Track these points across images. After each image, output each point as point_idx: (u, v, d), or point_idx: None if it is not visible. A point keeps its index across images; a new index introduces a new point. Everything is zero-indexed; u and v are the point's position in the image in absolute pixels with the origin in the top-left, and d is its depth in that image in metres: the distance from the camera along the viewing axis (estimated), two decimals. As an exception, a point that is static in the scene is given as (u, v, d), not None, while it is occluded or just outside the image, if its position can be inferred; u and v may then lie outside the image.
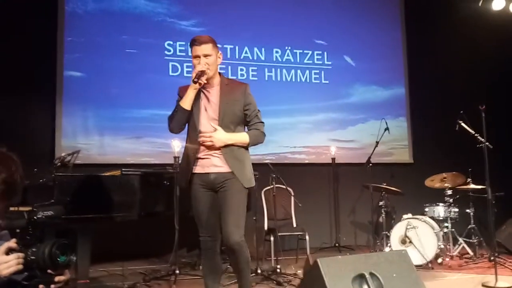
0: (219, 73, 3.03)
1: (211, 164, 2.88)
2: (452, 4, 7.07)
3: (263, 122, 3.04)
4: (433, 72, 7.15)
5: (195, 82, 2.83)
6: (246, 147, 2.96)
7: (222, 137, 2.84)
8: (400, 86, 7.30)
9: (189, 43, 2.97)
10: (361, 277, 2.63)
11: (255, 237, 4.83)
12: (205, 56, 2.87)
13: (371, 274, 2.64)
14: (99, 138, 6.10)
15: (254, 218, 4.79)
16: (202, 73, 2.83)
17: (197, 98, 2.89)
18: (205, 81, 2.87)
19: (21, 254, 1.70)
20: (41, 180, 3.73)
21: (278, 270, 4.48)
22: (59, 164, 4.22)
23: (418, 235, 4.93)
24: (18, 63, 5.63)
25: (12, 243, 1.71)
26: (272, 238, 4.97)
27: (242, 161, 2.91)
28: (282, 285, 4.15)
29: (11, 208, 3.31)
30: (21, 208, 3.52)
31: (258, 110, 3.04)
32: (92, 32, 6.18)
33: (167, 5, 6.50)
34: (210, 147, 2.87)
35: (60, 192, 3.50)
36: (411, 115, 7.28)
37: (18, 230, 1.77)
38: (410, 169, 7.00)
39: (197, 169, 2.90)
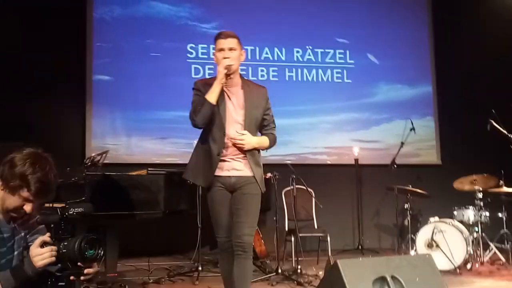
0: (240, 74, 3.00)
1: (232, 168, 2.86)
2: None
3: (275, 126, 3.08)
4: (461, 70, 6.92)
5: (227, 75, 2.79)
6: (259, 152, 2.98)
7: (251, 140, 2.85)
8: (426, 84, 7.17)
9: (214, 37, 2.92)
10: (382, 280, 2.55)
11: (276, 237, 4.87)
12: (230, 49, 2.83)
13: (393, 277, 2.56)
14: (126, 139, 6.29)
15: (274, 218, 4.85)
16: (228, 66, 2.78)
17: (220, 96, 2.82)
18: (230, 77, 2.84)
19: (54, 247, 1.83)
20: (73, 179, 3.94)
21: (299, 271, 4.51)
22: (89, 163, 4.39)
23: (446, 239, 4.77)
24: (51, 68, 5.87)
25: (46, 237, 1.85)
26: (292, 239, 5.00)
27: (261, 167, 2.95)
28: (302, 285, 4.17)
29: (46, 205, 3.51)
30: (55, 205, 3.71)
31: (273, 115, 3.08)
32: (119, 37, 6.39)
33: (189, 8, 6.63)
34: (236, 150, 2.85)
35: (90, 190, 3.72)
36: (439, 114, 7.10)
37: (52, 225, 1.90)
38: (437, 171, 6.82)
39: (220, 172, 2.86)
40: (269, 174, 5.17)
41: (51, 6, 5.95)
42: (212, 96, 2.77)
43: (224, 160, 2.86)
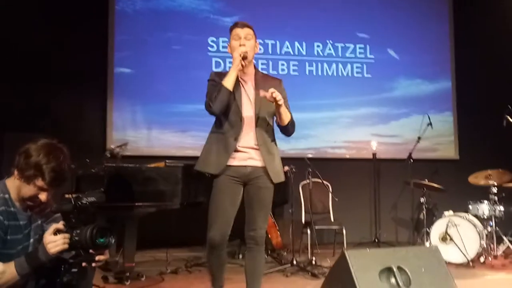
0: (254, 65, 2.98)
1: (248, 157, 2.80)
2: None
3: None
4: (481, 65, 6.88)
5: (244, 59, 2.75)
6: (275, 142, 2.94)
7: (280, 96, 2.72)
8: (446, 80, 7.12)
9: (229, 27, 2.92)
10: (388, 271, 2.61)
11: (291, 229, 4.92)
12: (246, 38, 2.82)
13: (399, 268, 2.63)
14: (147, 131, 6.40)
15: (290, 210, 4.90)
16: (245, 53, 2.76)
17: (236, 82, 2.79)
18: (246, 64, 2.80)
19: (67, 235, 1.91)
20: (93, 170, 4.03)
21: (314, 262, 4.58)
22: (109, 155, 4.50)
23: (460, 233, 4.83)
24: (72, 60, 5.95)
25: (60, 225, 1.93)
26: (308, 231, 5.04)
27: (273, 155, 2.88)
28: (316, 276, 4.24)
29: (66, 195, 3.63)
30: (74, 195, 3.83)
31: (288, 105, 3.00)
32: (140, 30, 6.48)
33: (210, 2, 6.68)
34: (251, 139, 2.79)
35: (109, 181, 3.79)
36: (458, 110, 7.08)
37: (66, 213, 1.99)
38: (455, 166, 6.82)
39: (233, 162, 2.78)
40: (286, 168, 5.21)
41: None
42: (228, 82, 2.74)
43: (238, 150, 2.79)
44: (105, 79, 6.32)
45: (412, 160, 5.61)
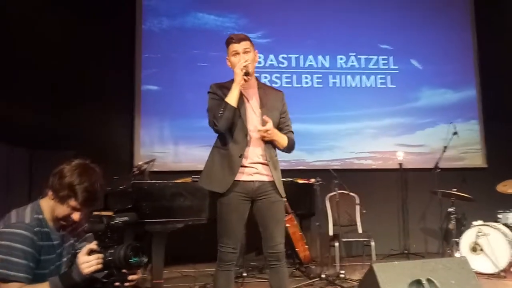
0: (255, 76, 2.93)
1: (255, 172, 2.76)
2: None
3: (293, 132, 2.97)
4: (505, 72, 6.76)
5: (246, 75, 2.69)
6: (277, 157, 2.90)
7: (275, 130, 2.74)
8: (471, 88, 7.05)
9: (225, 42, 2.83)
10: (418, 283, 2.59)
11: (319, 242, 4.91)
12: (245, 52, 2.76)
13: (429, 280, 2.61)
14: (174, 147, 6.51)
15: (318, 223, 4.89)
16: (246, 68, 2.71)
17: (239, 96, 2.74)
18: (248, 78, 2.74)
19: (100, 255, 1.95)
20: (121, 187, 4.09)
21: (342, 276, 4.55)
22: (136, 172, 4.59)
23: (490, 243, 4.76)
24: (101, 79, 6.11)
25: (93, 245, 1.97)
26: (336, 244, 5.03)
27: (279, 171, 2.85)
28: (345, 290, 4.23)
29: (95, 213, 3.71)
30: (103, 213, 3.91)
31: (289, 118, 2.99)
32: (167, 48, 6.63)
33: (235, 19, 6.81)
34: (257, 154, 2.76)
35: (137, 198, 3.83)
36: (484, 118, 6.98)
37: (99, 233, 2.04)
38: (483, 174, 6.69)
39: (241, 177, 2.73)
40: (312, 180, 5.23)
41: (101, 18, 6.21)
42: (232, 99, 2.69)
43: (244, 166, 2.74)
44: (132, 96, 6.49)
45: (439, 169, 5.57)
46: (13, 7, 5.39)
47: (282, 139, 2.84)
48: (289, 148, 2.92)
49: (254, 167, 2.76)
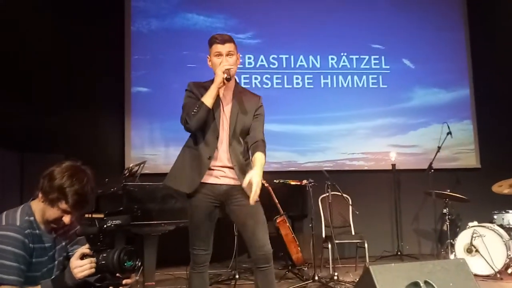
0: (235, 79, 2.86)
1: (223, 175, 2.69)
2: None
3: (264, 139, 2.80)
4: (499, 72, 6.77)
5: (228, 80, 2.62)
6: (249, 160, 2.78)
7: (259, 177, 2.56)
8: (464, 88, 7.05)
9: (208, 41, 2.74)
10: (415, 285, 2.57)
11: (312, 244, 4.87)
12: (228, 54, 2.68)
13: (426, 282, 2.57)
14: (164, 149, 6.45)
15: (310, 225, 4.85)
16: (227, 71, 2.62)
17: (217, 102, 2.68)
18: (228, 81, 2.65)
19: (93, 259, 1.90)
20: (112, 189, 4.06)
21: (336, 278, 4.51)
22: (127, 174, 4.54)
23: (486, 244, 4.73)
24: (91, 81, 6.08)
25: (85, 249, 1.93)
26: (329, 246, 4.99)
27: (243, 173, 2.72)
28: (339, 292, 4.19)
29: (86, 215, 3.65)
30: (94, 215, 3.85)
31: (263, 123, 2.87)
32: (156, 49, 6.58)
33: (224, 19, 6.77)
34: (226, 158, 2.68)
35: (128, 200, 3.80)
36: (477, 118, 6.98)
37: (91, 236, 1.98)
38: (477, 175, 6.71)
39: (209, 179, 2.67)
40: (304, 181, 5.20)
41: (90, 20, 6.16)
42: (208, 100, 2.62)
43: (213, 168, 2.68)
44: (122, 98, 6.43)
45: (432, 170, 5.56)
46: (1, 8, 5.30)
47: (262, 167, 2.65)
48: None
49: (222, 170, 2.70)
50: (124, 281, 1.95)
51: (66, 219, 2.01)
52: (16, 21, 5.51)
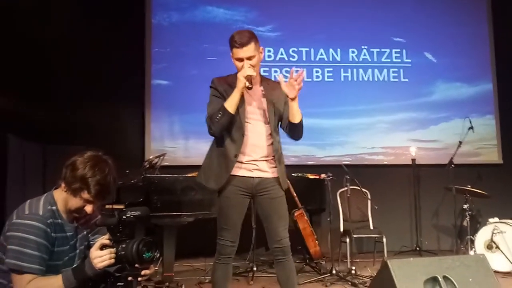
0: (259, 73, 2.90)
1: (256, 168, 2.76)
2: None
3: None
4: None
5: (249, 89, 2.67)
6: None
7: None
8: (487, 82, 6.91)
9: (228, 40, 2.75)
10: (434, 280, 2.54)
11: (330, 238, 4.87)
12: (249, 58, 2.70)
13: (445, 277, 2.55)
14: (184, 141, 6.49)
15: (329, 219, 4.85)
16: (250, 77, 2.66)
17: (240, 98, 2.72)
18: (251, 86, 2.68)
19: (113, 250, 1.92)
20: (132, 181, 4.12)
21: (353, 272, 4.51)
22: (147, 166, 4.59)
23: (506, 240, 4.69)
24: (111, 73, 6.15)
25: (105, 239, 1.95)
26: (347, 240, 4.98)
27: (283, 164, 2.86)
28: (357, 286, 4.18)
29: (107, 206, 3.71)
30: (115, 206, 3.91)
31: None
32: (176, 42, 6.61)
33: (244, 12, 6.75)
34: (256, 151, 2.75)
35: (148, 192, 3.86)
36: (500, 113, 6.84)
37: (111, 227, 2.01)
38: (499, 170, 6.60)
39: (240, 172, 2.74)
40: (323, 175, 5.19)
41: (111, 13, 6.21)
42: (231, 105, 2.66)
43: (242, 162, 2.74)
44: (142, 91, 6.48)
45: (453, 165, 5.49)
46: (22, 4, 5.40)
47: (298, 111, 2.77)
48: (300, 129, 2.84)
49: (254, 164, 2.76)
50: (142, 272, 1.96)
51: (88, 208, 2.04)
52: (38, 15, 5.60)
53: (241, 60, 2.70)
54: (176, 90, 6.54)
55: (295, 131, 2.85)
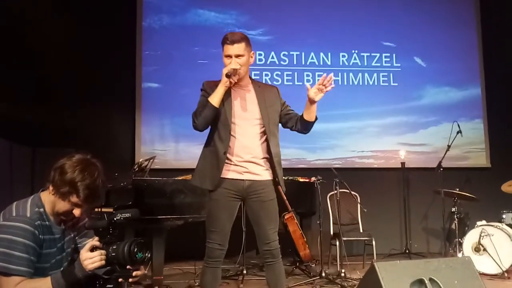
0: (249, 76, 2.92)
1: (246, 171, 2.75)
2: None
3: None
4: (510, 71, 6.73)
5: (228, 77, 2.66)
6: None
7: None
8: (475, 87, 7.00)
9: (221, 41, 2.77)
10: (420, 283, 2.56)
11: (320, 241, 4.89)
12: (237, 56, 2.72)
13: (431, 280, 2.57)
14: (174, 144, 6.50)
15: (318, 222, 4.87)
16: (234, 71, 2.67)
17: (226, 95, 2.73)
18: (235, 80, 2.72)
19: (103, 251, 1.92)
20: (121, 184, 4.08)
21: (343, 274, 4.52)
22: (137, 169, 4.58)
23: (494, 243, 4.73)
24: (101, 76, 6.13)
25: (95, 241, 1.94)
26: (337, 243, 4.99)
27: (281, 165, 2.87)
28: (346, 288, 4.20)
29: (96, 209, 3.69)
30: (104, 209, 3.90)
31: None
32: (167, 45, 6.62)
33: (235, 15, 6.78)
34: (248, 152, 2.75)
35: (137, 195, 3.83)
36: (488, 117, 6.94)
37: (100, 229, 2.01)
38: (487, 174, 6.67)
39: (229, 174, 2.73)
40: (313, 178, 5.21)
41: (102, 16, 6.20)
42: (215, 99, 2.68)
43: (233, 163, 2.74)
44: (133, 94, 6.48)
45: (442, 169, 5.53)
46: (16, 7, 5.37)
47: (315, 112, 2.86)
48: (312, 125, 2.92)
49: (244, 166, 2.76)
50: (134, 273, 1.96)
51: (77, 212, 2.03)
52: (29, 17, 5.57)
53: (229, 57, 2.73)
54: (167, 93, 6.55)
55: (308, 128, 2.92)
